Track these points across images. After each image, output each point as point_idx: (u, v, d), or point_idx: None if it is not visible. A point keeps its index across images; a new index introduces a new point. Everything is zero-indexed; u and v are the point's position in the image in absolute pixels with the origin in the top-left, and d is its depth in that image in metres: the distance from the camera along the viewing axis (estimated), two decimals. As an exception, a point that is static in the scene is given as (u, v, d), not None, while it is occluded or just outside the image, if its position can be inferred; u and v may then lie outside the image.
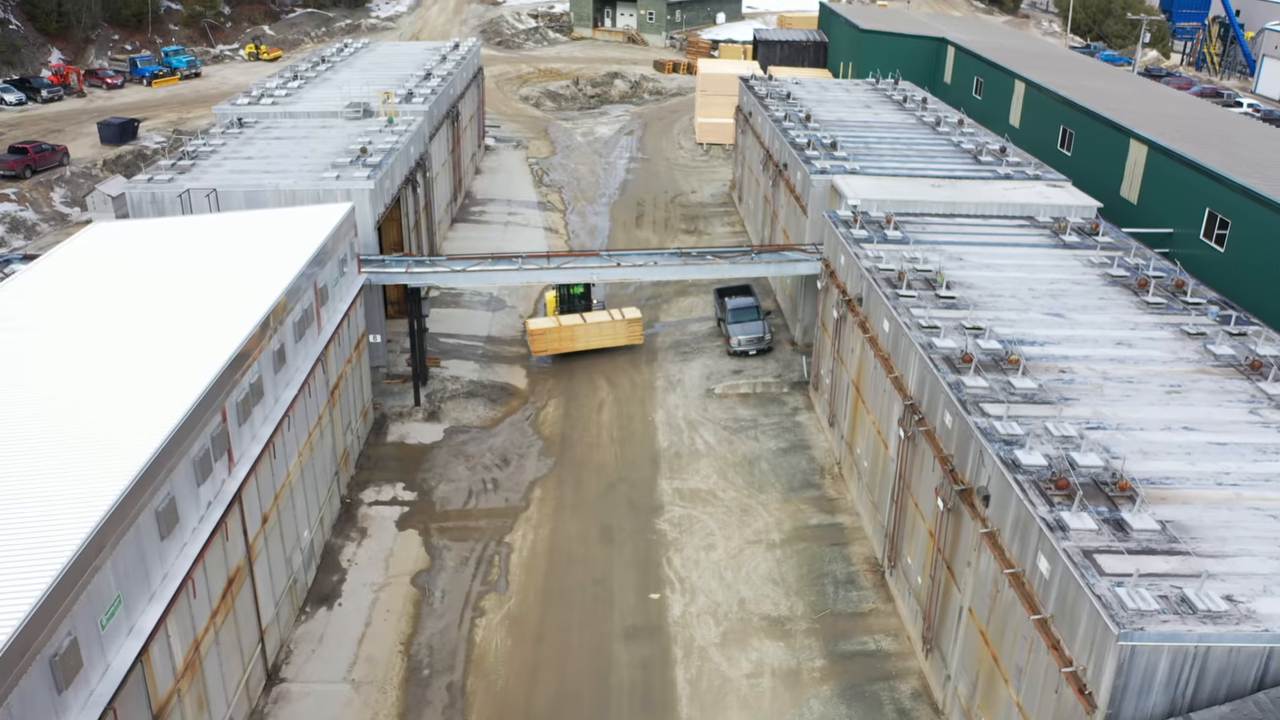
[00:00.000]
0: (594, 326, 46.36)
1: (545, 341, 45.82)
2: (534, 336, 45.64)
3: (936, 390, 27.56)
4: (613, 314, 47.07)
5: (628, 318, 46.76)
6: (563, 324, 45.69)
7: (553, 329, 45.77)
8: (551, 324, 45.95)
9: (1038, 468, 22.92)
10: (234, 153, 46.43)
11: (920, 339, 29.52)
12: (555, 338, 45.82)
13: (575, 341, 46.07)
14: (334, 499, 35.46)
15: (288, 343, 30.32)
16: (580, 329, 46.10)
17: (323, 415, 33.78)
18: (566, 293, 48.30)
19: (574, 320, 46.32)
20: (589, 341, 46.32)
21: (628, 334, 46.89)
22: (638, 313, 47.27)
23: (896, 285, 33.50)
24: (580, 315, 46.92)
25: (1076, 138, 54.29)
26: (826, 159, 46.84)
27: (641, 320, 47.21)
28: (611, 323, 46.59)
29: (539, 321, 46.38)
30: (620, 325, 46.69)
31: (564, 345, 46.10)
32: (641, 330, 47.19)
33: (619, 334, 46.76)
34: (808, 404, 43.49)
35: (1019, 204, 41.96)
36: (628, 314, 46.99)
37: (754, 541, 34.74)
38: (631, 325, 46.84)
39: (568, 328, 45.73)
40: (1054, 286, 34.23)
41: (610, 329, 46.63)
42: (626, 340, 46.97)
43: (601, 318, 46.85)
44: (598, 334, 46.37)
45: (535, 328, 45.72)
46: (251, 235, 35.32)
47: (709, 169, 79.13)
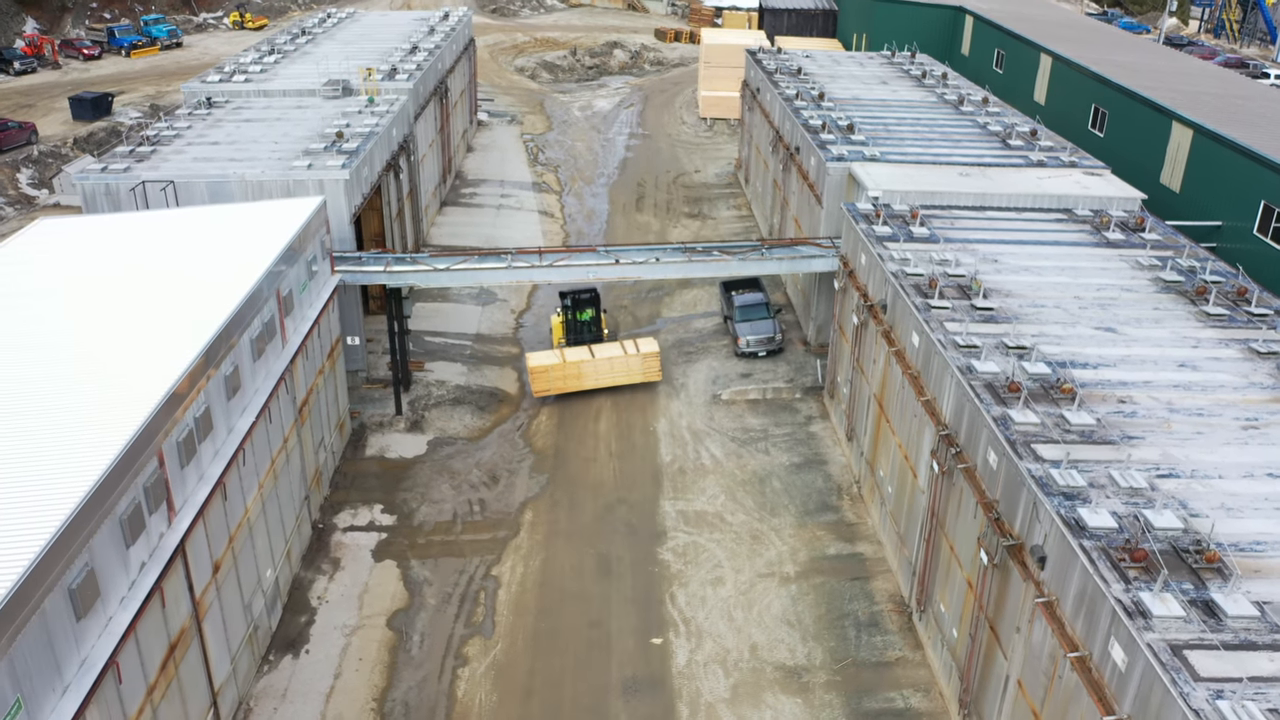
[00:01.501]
0: (604, 363, 40.66)
1: (547, 380, 40.39)
2: (534, 375, 40.22)
3: (978, 423, 24.17)
4: (625, 347, 41.17)
5: (643, 352, 40.91)
6: (567, 360, 40.28)
7: (555, 366, 40.12)
8: (554, 360, 40.23)
9: (1106, 531, 19.57)
10: (199, 137, 42.73)
11: (958, 361, 26.08)
12: (559, 376, 40.41)
13: (582, 380, 40.54)
14: (304, 526, 32.20)
15: (243, 364, 26.90)
16: (588, 366, 40.52)
17: (289, 438, 30.44)
18: (573, 318, 42.45)
19: (581, 355, 40.65)
20: (598, 380, 40.71)
21: (643, 371, 41.13)
22: (655, 345, 41.35)
23: (927, 294, 30.01)
24: (588, 348, 40.99)
25: (1110, 118, 50.49)
26: (843, 143, 43.14)
27: (659, 355, 41.23)
28: (624, 358, 40.78)
29: (540, 357, 40.52)
30: (634, 361, 40.87)
31: (568, 384, 40.54)
32: (659, 366, 41.26)
33: (632, 371, 41.03)
34: (822, 411, 40.12)
35: (1055, 195, 38.35)
36: (643, 348, 41.11)
37: (766, 574, 31.51)
38: (647, 361, 40.98)
39: (573, 364, 40.32)
40: (1101, 294, 30.74)
41: (623, 365, 40.91)
42: (642, 378, 41.16)
43: (613, 351, 41.00)
44: (608, 371, 40.72)
45: (536, 365, 40.07)
46: (207, 236, 31.76)
47: (713, 146, 75.25)
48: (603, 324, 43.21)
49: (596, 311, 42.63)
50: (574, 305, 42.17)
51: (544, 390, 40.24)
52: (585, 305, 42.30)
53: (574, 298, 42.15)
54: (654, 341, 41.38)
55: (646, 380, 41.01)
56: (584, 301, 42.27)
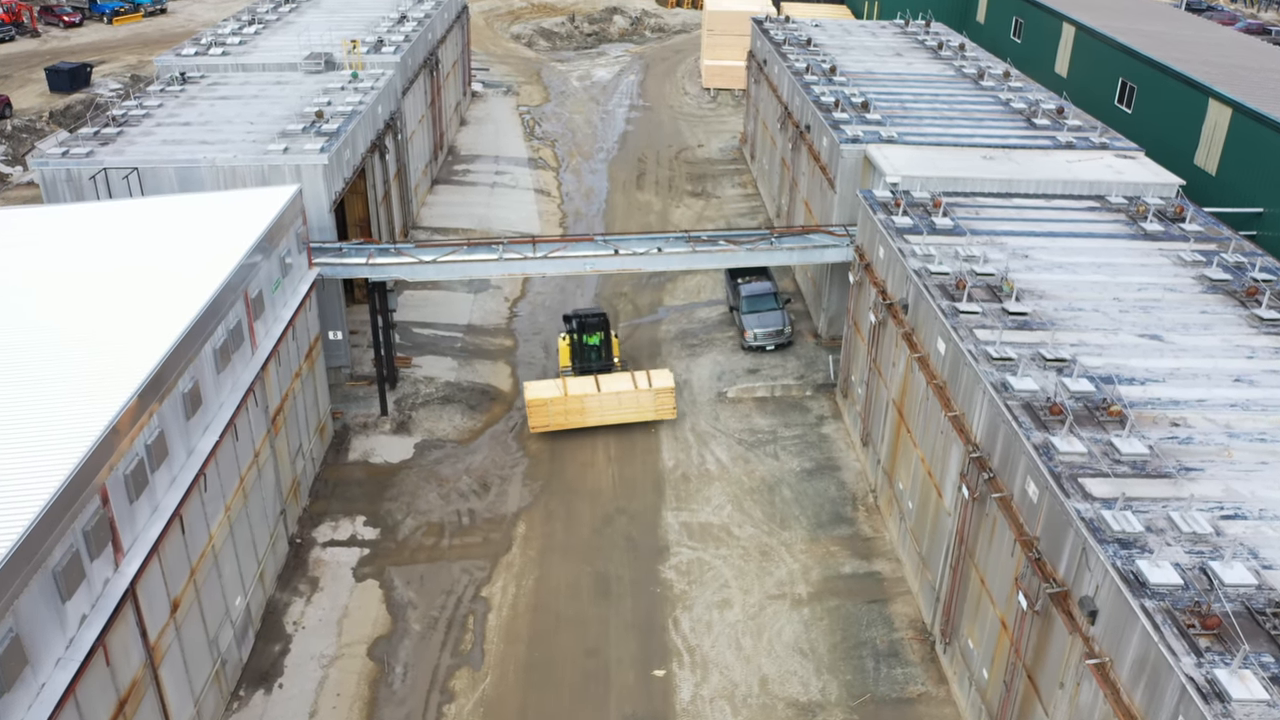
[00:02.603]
0: (610, 398, 35.52)
1: (547, 415, 35.44)
2: (532, 409, 35.26)
3: (1015, 449, 21.79)
4: (636, 380, 36.13)
5: (656, 387, 35.80)
6: (569, 394, 35.28)
7: (556, 400, 35.18)
8: (555, 392, 35.28)
9: (1170, 589, 17.24)
10: (170, 117, 39.99)
11: (991, 376, 23.64)
12: (560, 411, 35.43)
13: (585, 415, 35.72)
14: (280, 543, 29.95)
15: (205, 378, 24.48)
16: (593, 400, 35.45)
17: (260, 452, 28.09)
18: (580, 341, 37.56)
19: (585, 388, 35.55)
20: (603, 416, 35.81)
21: (655, 408, 36.06)
22: (670, 380, 36.07)
23: (954, 296, 27.50)
24: (595, 378, 36.04)
25: (1139, 93, 47.64)
26: (857, 123, 40.38)
27: (674, 391, 36.11)
28: (634, 393, 35.70)
29: (538, 388, 35.54)
30: (645, 397, 35.79)
31: (570, 420, 35.71)
32: (674, 403, 36.24)
33: (643, 408, 35.99)
34: (834, 411, 37.74)
35: (1087, 181, 35.71)
36: (656, 382, 35.95)
37: (776, 596, 29.28)
38: (660, 398, 35.92)
39: (576, 399, 35.32)
40: (1143, 295, 28.23)
41: (632, 401, 35.82)
42: (653, 415, 36.21)
43: (621, 385, 35.91)
44: (615, 407, 35.77)
45: (533, 398, 35.20)
46: (168, 232, 29.20)
47: (716, 118, 72.28)
48: (614, 349, 38.27)
49: (606, 335, 37.60)
50: (580, 328, 37.41)
51: (542, 426, 35.61)
52: (593, 329, 37.35)
53: (580, 320, 37.49)
54: (669, 375, 36.38)
55: (659, 418, 36.33)
56: (592, 325, 37.37)
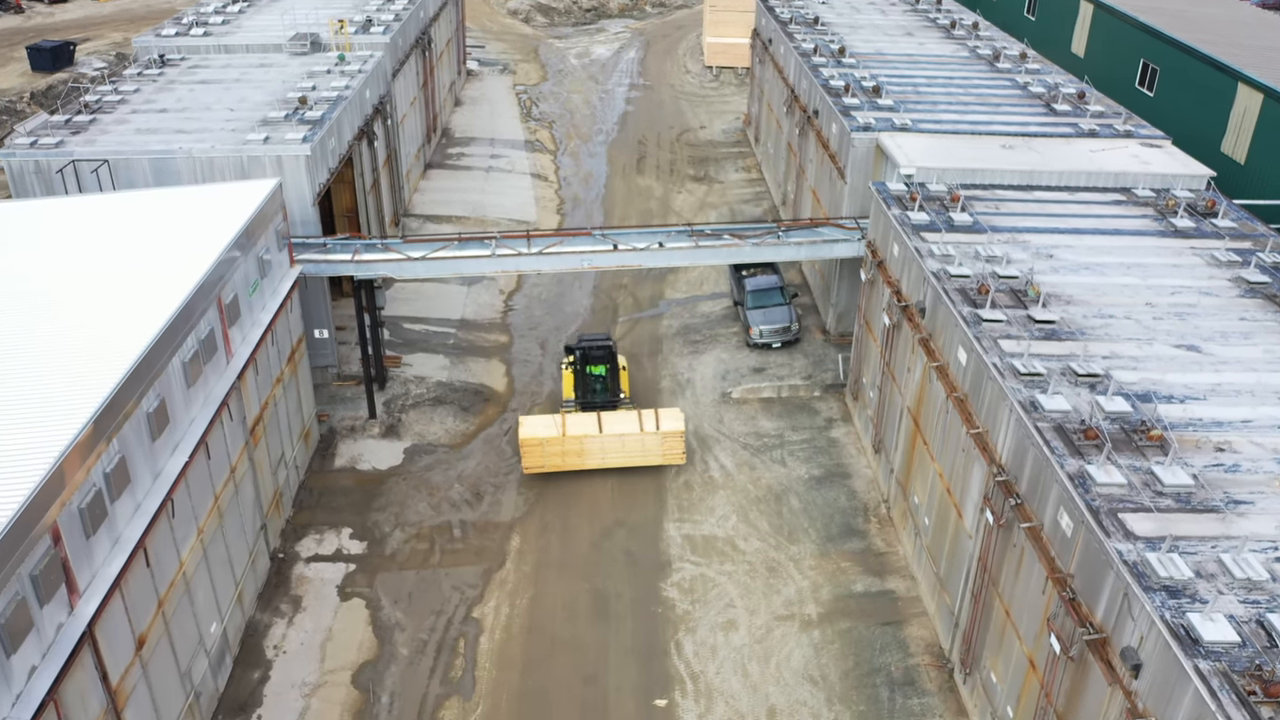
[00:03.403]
0: (613, 440, 31.94)
1: (542, 456, 31.93)
2: (527, 449, 31.69)
3: (1046, 476, 20.11)
4: (642, 420, 32.15)
5: (664, 430, 32.01)
6: (568, 434, 31.65)
7: (552, 440, 31.62)
8: (550, 431, 31.70)
9: (1226, 647, 15.61)
10: (147, 103, 38.04)
11: (1019, 394, 21.92)
12: (556, 452, 31.79)
13: (585, 458, 32.07)
14: (260, 560, 28.36)
15: (172, 394, 22.77)
16: (593, 442, 31.88)
17: (237, 466, 26.43)
18: (583, 371, 33.79)
19: (585, 427, 31.92)
20: (604, 459, 32.20)
21: (662, 452, 32.44)
22: (680, 422, 32.27)
23: (976, 301, 25.73)
24: (597, 416, 32.41)
25: (1162, 76, 45.59)
26: (869, 109, 38.42)
27: (683, 434, 32.40)
28: (639, 436, 31.96)
29: (533, 425, 31.89)
30: (651, 441, 32.13)
31: (568, 462, 32.09)
32: (683, 447, 32.59)
33: (649, 452, 32.31)
34: (844, 413, 36.05)
35: (1112, 172, 33.81)
36: (665, 423, 32.12)
37: (785, 617, 27.72)
38: (668, 442, 32.28)
39: (575, 439, 31.68)
40: (1177, 299, 26.46)
41: (637, 444, 32.09)
42: (660, 460, 32.64)
43: (626, 425, 32.04)
44: (618, 450, 32.10)
45: (527, 436, 31.62)
46: (135, 232, 27.39)
47: (719, 99, 70.13)
48: (621, 382, 34.66)
49: (613, 366, 33.83)
50: (583, 359, 33.64)
51: (536, 467, 32.12)
52: (598, 360, 33.64)
53: (584, 350, 33.49)
54: (679, 415, 32.55)
55: (666, 463, 32.79)
56: (597, 356, 33.60)
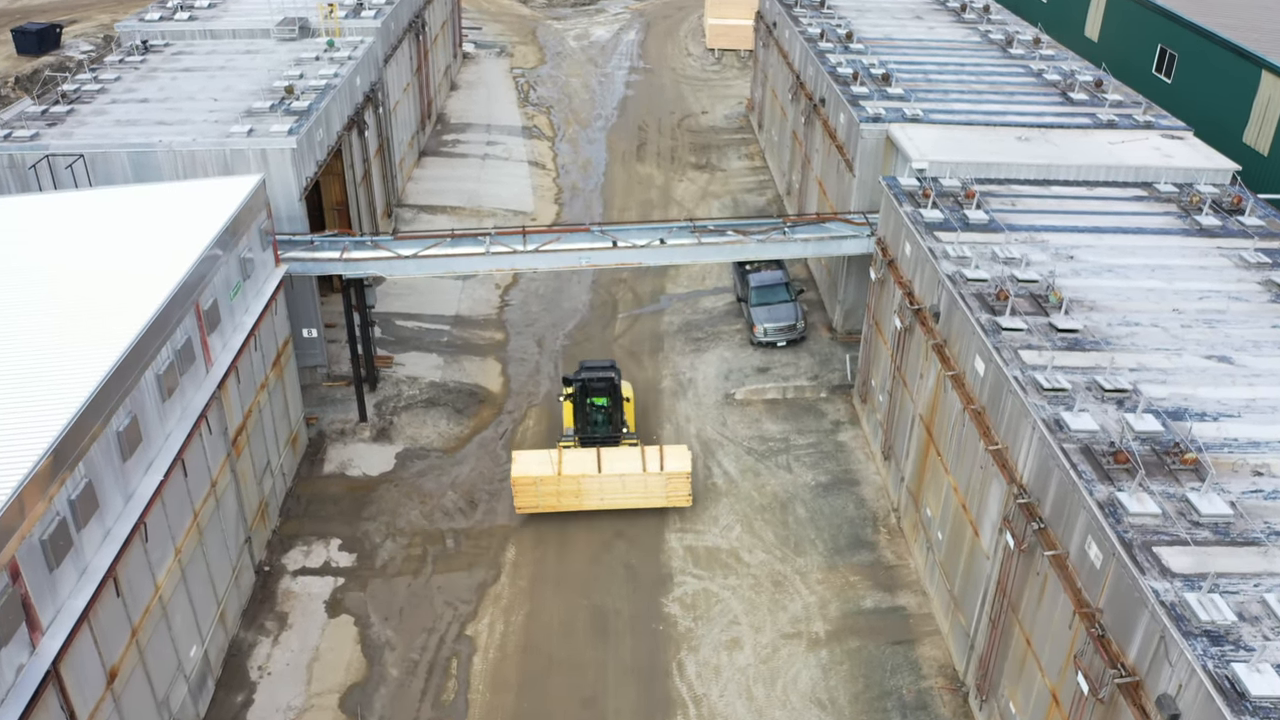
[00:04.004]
0: (613, 481, 29.39)
1: (535, 496, 29.57)
2: (519, 488, 29.34)
3: (1073, 502, 18.88)
4: (645, 458, 29.49)
5: (668, 471, 29.39)
6: (564, 473, 29.19)
7: (546, 480, 29.15)
8: (545, 469, 29.17)
9: (1276, 702, 14.42)
10: (128, 92, 36.59)
11: (1043, 411, 20.65)
12: (550, 492, 29.40)
13: (582, 499, 29.67)
14: (244, 575, 27.19)
15: (145, 410, 21.52)
16: (591, 482, 29.36)
17: (218, 480, 25.21)
18: (583, 403, 30.70)
19: (582, 466, 29.36)
20: (603, 500, 29.74)
21: (666, 494, 29.84)
22: (686, 461, 29.56)
23: (994, 308, 24.43)
24: (597, 453, 29.73)
25: (1181, 62, 44.06)
26: (878, 98, 36.96)
27: (689, 475, 29.64)
28: (641, 476, 29.40)
29: (527, 463, 29.35)
30: (655, 482, 29.52)
31: (564, 503, 29.67)
32: (689, 489, 29.90)
33: (651, 493, 29.74)
34: (851, 415, 34.81)
35: (1133, 166, 32.41)
36: (670, 463, 29.48)
37: (791, 635, 26.57)
38: (673, 484, 29.68)
39: (571, 479, 29.28)
40: (1205, 305, 25.15)
41: (639, 485, 29.51)
42: (663, 503, 30.04)
43: (627, 464, 29.45)
44: (619, 491, 29.57)
45: (520, 475, 29.19)
46: (107, 235, 26.01)
47: (721, 82, 68.49)
48: (626, 416, 31.71)
49: (615, 399, 30.78)
50: (583, 392, 30.55)
51: (529, 508, 29.85)
52: (599, 392, 30.54)
53: (585, 381, 30.29)
54: (685, 454, 29.77)
55: (670, 505, 30.19)
56: (598, 388, 30.43)
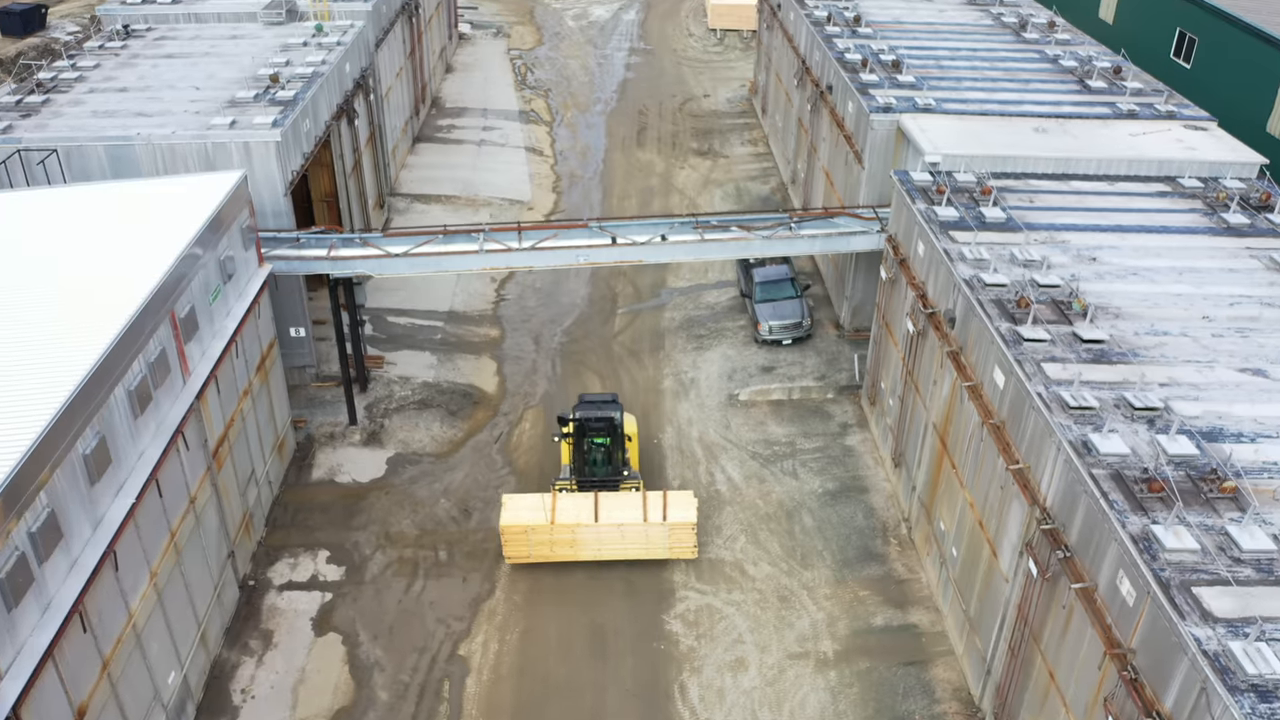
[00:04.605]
0: (611, 531, 26.88)
1: (527, 546, 27.16)
2: (509, 538, 27.01)
3: (1104, 533, 17.67)
4: (648, 506, 26.94)
5: (672, 521, 26.83)
6: (557, 521, 26.78)
7: (539, 529, 26.84)
8: (537, 517, 26.85)
9: (1334, 769, 13.27)
10: (106, 81, 35.12)
11: (1069, 432, 19.40)
12: (543, 542, 27.06)
13: (577, 549, 27.19)
14: (227, 591, 26.04)
15: (114, 430, 20.27)
16: (587, 532, 26.85)
17: (197, 496, 24.00)
18: (582, 442, 28.13)
19: (578, 514, 26.85)
20: (600, 550, 27.26)
21: (668, 545, 27.31)
22: (692, 509, 27.03)
23: (1015, 316, 23.12)
24: (594, 498, 27.24)
25: (1200, 47, 42.51)
26: (889, 86, 35.47)
27: (695, 526, 27.12)
28: (643, 526, 26.85)
29: (518, 509, 27.03)
30: (657, 533, 26.97)
31: (558, 553, 27.26)
32: (695, 540, 27.38)
33: (653, 544, 27.22)
34: (859, 417, 33.58)
35: (1156, 160, 31.01)
36: (674, 511, 26.92)
37: (799, 655, 25.44)
38: (677, 534, 27.10)
39: (565, 528, 26.83)
40: (1237, 312, 23.84)
41: (639, 536, 26.97)
42: (666, 554, 27.55)
43: (627, 513, 26.92)
44: (617, 541, 27.10)
45: (509, 523, 26.84)
46: (75, 239, 24.66)
47: (724, 64, 66.83)
48: (629, 453, 29.00)
49: (616, 438, 28.24)
50: (580, 432, 27.95)
51: (520, 558, 27.50)
52: (598, 431, 28.00)
53: (583, 421, 27.70)
54: (690, 502, 27.20)
55: (674, 558, 27.71)
56: (597, 427, 27.90)
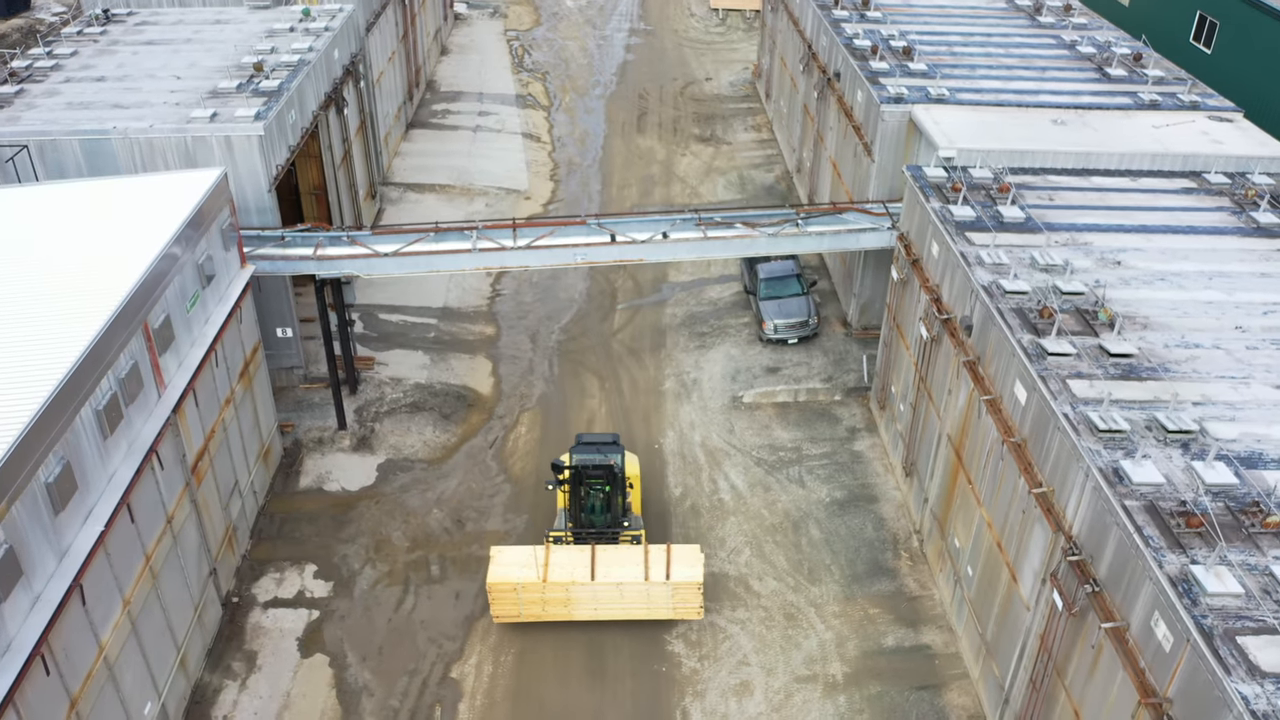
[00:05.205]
0: (609, 590, 24.46)
1: (516, 604, 24.77)
2: (496, 596, 24.58)
3: (1138, 571, 16.47)
4: (649, 562, 24.52)
5: (675, 581, 24.36)
6: (550, 579, 24.33)
7: (529, 586, 24.38)
8: (526, 574, 24.38)
9: None
10: (84, 70, 33.67)
11: (1099, 458, 18.16)
12: (535, 600, 24.63)
13: (571, 608, 24.78)
14: (209, 611, 24.91)
15: (81, 455, 19.04)
16: (583, 591, 24.47)
17: (175, 515, 22.82)
18: (580, 486, 25.61)
19: (572, 570, 24.40)
20: (597, 610, 24.84)
21: (672, 605, 24.86)
22: (698, 567, 24.53)
23: (1037, 327, 21.84)
24: (591, 551, 24.78)
25: (1222, 31, 40.96)
26: (900, 74, 34.01)
27: (701, 585, 24.51)
28: (644, 585, 24.39)
29: (507, 563, 24.58)
30: (659, 592, 24.52)
31: (550, 612, 24.89)
32: (701, 601, 24.78)
33: (655, 604, 24.76)
34: (868, 421, 32.36)
35: (1180, 154, 29.63)
36: (678, 570, 24.45)
37: (806, 679, 24.33)
38: (681, 594, 24.61)
39: (558, 585, 24.40)
40: (1272, 321, 22.54)
41: (639, 595, 24.55)
42: (669, 615, 25.09)
43: (626, 570, 24.50)
44: (615, 601, 24.65)
45: (496, 581, 24.40)
46: (41, 244, 23.33)
47: (726, 46, 65.16)
48: (630, 497, 26.67)
49: (616, 484, 25.63)
50: (576, 481, 25.47)
51: (508, 617, 25.08)
52: (596, 476, 25.43)
53: (578, 471, 25.22)
54: (697, 558, 24.69)
55: (677, 618, 25.29)
56: (594, 474, 25.38)
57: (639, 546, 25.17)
